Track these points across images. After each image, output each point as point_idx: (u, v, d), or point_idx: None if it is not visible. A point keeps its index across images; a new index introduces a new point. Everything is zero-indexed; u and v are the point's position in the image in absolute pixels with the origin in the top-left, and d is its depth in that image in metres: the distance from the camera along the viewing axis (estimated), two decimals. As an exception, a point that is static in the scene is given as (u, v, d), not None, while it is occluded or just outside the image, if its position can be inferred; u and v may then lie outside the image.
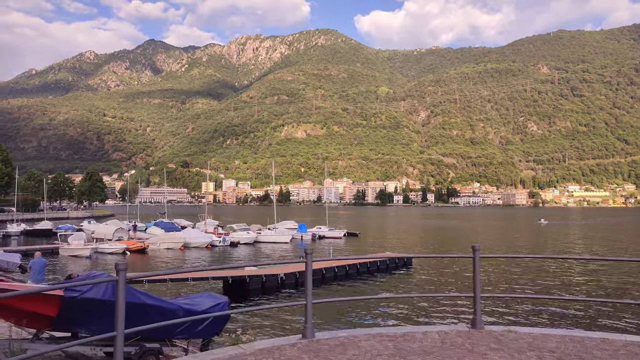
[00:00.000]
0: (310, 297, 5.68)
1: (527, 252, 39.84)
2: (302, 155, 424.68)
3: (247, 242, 45.54)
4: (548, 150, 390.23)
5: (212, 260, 34.47)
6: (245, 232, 47.74)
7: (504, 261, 30.35)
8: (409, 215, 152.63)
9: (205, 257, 36.49)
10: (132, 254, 36.85)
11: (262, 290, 21.61)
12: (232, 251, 40.69)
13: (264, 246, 44.13)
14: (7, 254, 22.30)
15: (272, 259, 35.20)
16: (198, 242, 41.81)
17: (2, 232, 51.04)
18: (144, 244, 39.23)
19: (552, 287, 22.99)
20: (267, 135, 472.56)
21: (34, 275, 15.35)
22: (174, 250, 39.72)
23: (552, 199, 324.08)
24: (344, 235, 53.67)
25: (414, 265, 30.07)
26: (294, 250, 41.36)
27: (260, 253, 39.36)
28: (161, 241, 40.79)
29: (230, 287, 21.29)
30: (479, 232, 68.67)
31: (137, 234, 47.70)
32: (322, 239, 51.38)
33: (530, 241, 51.10)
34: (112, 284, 8.49)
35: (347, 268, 26.84)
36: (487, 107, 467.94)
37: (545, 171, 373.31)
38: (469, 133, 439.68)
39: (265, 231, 50.73)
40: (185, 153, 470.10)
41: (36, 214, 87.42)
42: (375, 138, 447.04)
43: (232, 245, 43.81)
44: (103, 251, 36.40)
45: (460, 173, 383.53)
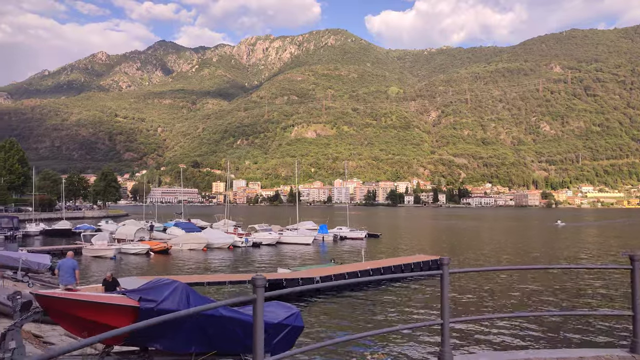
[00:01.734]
0: (447, 316, 4.83)
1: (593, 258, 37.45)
2: (312, 155, 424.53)
3: (269, 243, 44.81)
4: (561, 151, 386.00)
5: (236, 262, 33.84)
6: (267, 233, 46.97)
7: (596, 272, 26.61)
8: (422, 215, 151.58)
9: (229, 258, 35.92)
10: (155, 254, 36.43)
11: (299, 295, 20.85)
12: (254, 252, 39.94)
13: (286, 247, 43.45)
14: (37, 255, 21.50)
15: (301, 260, 34.46)
16: (220, 242, 41.24)
17: (21, 232, 51.08)
18: (167, 245, 38.80)
19: None
20: (277, 135, 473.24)
21: (64, 277, 14.73)
22: (196, 251, 39.26)
23: (565, 200, 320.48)
24: (365, 236, 52.63)
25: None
26: (317, 252, 40.65)
27: (284, 254, 38.69)
28: (183, 242, 40.30)
29: (266, 290, 20.43)
30: (504, 233, 67.59)
31: (154, 234, 47.39)
32: (344, 240, 50.31)
33: (575, 244, 50.10)
34: (186, 294, 8.14)
35: (403, 267, 26.22)
36: (499, 107, 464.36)
37: (558, 172, 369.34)
38: (480, 133, 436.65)
39: (286, 232, 49.99)
40: (196, 153, 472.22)
41: (53, 213, 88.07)
42: (385, 138, 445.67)
43: (254, 246, 43.17)
44: (126, 252, 36.06)
45: (471, 173, 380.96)
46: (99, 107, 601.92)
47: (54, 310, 7.95)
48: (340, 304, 19.74)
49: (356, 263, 27.91)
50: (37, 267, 20.41)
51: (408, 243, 49.50)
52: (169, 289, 8.15)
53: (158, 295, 7.89)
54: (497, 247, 45.04)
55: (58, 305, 7.85)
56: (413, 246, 45.22)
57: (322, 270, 23.44)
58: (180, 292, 8.15)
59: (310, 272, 23.06)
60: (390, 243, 49.25)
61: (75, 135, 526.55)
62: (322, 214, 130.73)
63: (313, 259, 35.83)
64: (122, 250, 35.96)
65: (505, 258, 35.74)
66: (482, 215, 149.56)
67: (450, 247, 45.44)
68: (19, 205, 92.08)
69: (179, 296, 7.95)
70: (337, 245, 45.72)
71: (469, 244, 49.02)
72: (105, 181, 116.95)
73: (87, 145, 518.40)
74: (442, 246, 46.13)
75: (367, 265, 25.41)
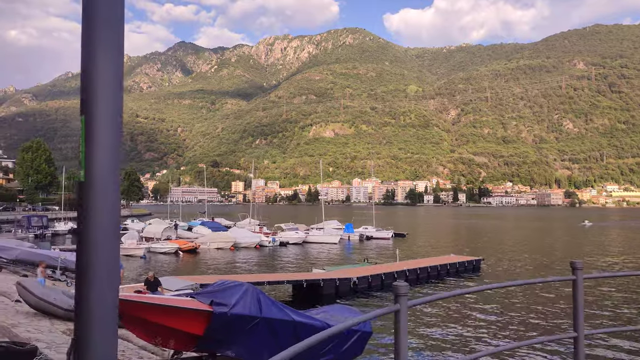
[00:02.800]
0: (582, 328, 4.25)
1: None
2: (331, 154, 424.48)
3: (296, 242, 44.47)
4: (585, 149, 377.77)
5: (265, 261, 33.68)
6: (294, 232, 46.68)
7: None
8: (443, 215, 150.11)
9: (257, 257, 35.72)
10: (184, 253, 36.40)
11: (335, 295, 20.41)
12: (282, 251, 39.64)
13: (313, 247, 42.97)
14: (74, 253, 21.70)
15: (331, 260, 33.92)
16: (247, 242, 41.10)
17: (50, 230, 52.08)
18: (195, 244, 38.84)
19: None
20: (296, 135, 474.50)
21: None
22: (224, 250, 39.21)
23: (589, 199, 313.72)
24: (391, 236, 51.73)
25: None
26: (345, 251, 40.15)
27: (311, 254, 38.22)
28: (211, 241, 40.32)
29: (303, 291, 20.29)
30: (535, 233, 66.24)
31: (179, 232, 47.62)
32: (370, 239, 49.59)
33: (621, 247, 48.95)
34: (257, 297, 7.94)
35: (439, 268, 25.81)
36: (520, 105, 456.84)
37: (581, 170, 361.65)
38: (501, 131, 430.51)
39: (312, 231, 49.65)
40: (215, 153, 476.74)
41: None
42: (404, 137, 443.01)
43: (281, 245, 42.85)
44: (155, 251, 36.02)
45: (492, 172, 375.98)
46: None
47: (124, 315, 7.63)
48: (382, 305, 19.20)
49: (391, 263, 27.41)
50: (74, 265, 20.47)
51: (436, 243, 48.52)
52: (238, 291, 7.92)
53: (229, 298, 7.67)
54: (534, 247, 43.28)
55: (130, 309, 7.56)
56: (443, 246, 44.30)
57: (357, 271, 23.03)
58: (250, 295, 7.95)
59: (346, 272, 22.66)
60: (418, 243, 48.25)
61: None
62: (342, 214, 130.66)
63: (343, 258, 35.29)
64: (152, 249, 35.89)
65: (555, 259, 34.23)
66: (505, 215, 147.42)
67: (481, 247, 43.80)
68: (46, 205, 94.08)
69: (250, 299, 7.73)
70: (364, 245, 45.03)
71: (500, 244, 47.33)
72: (128, 181, 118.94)
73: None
74: (473, 246, 44.67)
75: (402, 266, 24.92)
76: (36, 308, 10.80)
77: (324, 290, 20.24)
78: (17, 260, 20.12)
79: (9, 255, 20.05)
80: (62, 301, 10.69)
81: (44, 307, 10.60)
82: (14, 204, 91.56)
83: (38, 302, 10.59)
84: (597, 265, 31.52)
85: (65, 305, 10.52)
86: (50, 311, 10.75)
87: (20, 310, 11.22)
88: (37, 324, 10.01)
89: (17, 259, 20.03)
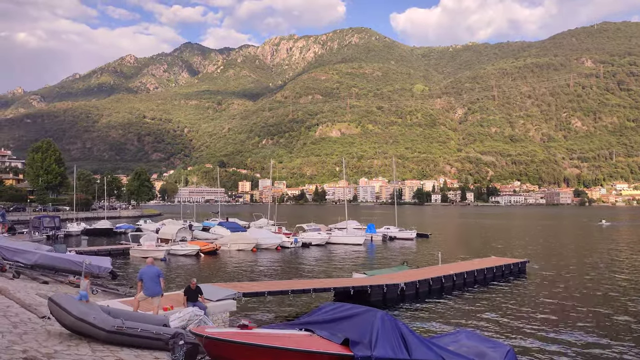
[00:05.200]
0: None
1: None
2: (337, 154, 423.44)
3: (319, 243, 42.83)
4: (594, 147, 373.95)
5: (289, 264, 31.99)
6: (316, 233, 45.01)
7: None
8: (454, 214, 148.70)
9: (281, 259, 34.15)
10: (205, 255, 34.99)
11: (382, 303, 18.68)
12: (305, 253, 37.97)
13: (336, 248, 41.25)
14: (97, 258, 19.44)
15: (357, 262, 32.35)
16: (268, 243, 39.51)
17: (63, 232, 51.32)
18: (216, 246, 37.45)
19: None
20: (302, 134, 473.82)
21: (149, 287, 11.97)
22: (245, 251, 37.71)
23: (599, 198, 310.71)
24: (415, 236, 49.95)
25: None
26: (369, 253, 38.62)
27: (336, 256, 36.36)
28: (232, 242, 38.76)
29: (349, 298, 17.94)
30: (559, 232, 64.97)
31: (195, 233, 46.41)
32: (393, 240, 47.84)
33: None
34: (399, 332, 6.33)
35: (485, 272, 24.14)
36: (528, 103, 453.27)
37: (590, 169, 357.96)
38: (508, 130, 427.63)
39: (335, 232, 48.06)
40: (222, 153, 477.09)
41: (90, 213, 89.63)
42: (411, 136, 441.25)
43: (303, 247, 41.35)
44: (175, 253, 34.36)
45: (499, 171, 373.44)
46: (127, 108, 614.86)
47: (224, 358, 6.16)
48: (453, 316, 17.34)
49: (434, 267, 25.52)
50: (98, 271, 18.47)
51: (464, 243, 46.52)
52: (372, 322, 6.23)
53: (364, 333, 6.11)
54: (567, 248, 41.50)
55: (235, 353, 6.12)
56: (472, 247, 42.53)
57: (402, 275, 21.52)
58: (390, 327, 6.26)
59: (391, 277, 21.17)
60: (444, 243, 46.23)
61: (105, 136, 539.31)
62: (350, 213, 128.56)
63: (374, 261, 33.38)
64: (171, 251, 34.34)
65: (592, 260, 32.79)
66: (517, 214, 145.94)
67: (512, 248, 41.67)
68: (57, 205, 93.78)
69: (392, 334, 6.16)
70: (388, 246, 43.32)
71: (530, 244, 45.33)
72: (139, 181, 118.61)
73: (116, 146, 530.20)
74: (502, 247, 42.54)
75: (448, 270, 23.34)
76: (72, 329, 9.08)
77: (371, 297, 18.60)
78: (36, 265, 18.61)
79: (27, 260, 18.44)
80: (104, 321, 9.01)
81: (82, 328, 8.90)
82: (24, 205, 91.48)
83: (75, 322, 8.84)
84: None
85: (108, 326, 8.96)
86: (90, 333, 9.00)
87: (52, 330, 9.64)
88: (76, 351, 8.44)
89: (36, 264, 18.47)
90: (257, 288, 16.64)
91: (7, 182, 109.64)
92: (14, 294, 12.93)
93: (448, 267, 25.18)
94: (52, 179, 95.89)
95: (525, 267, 27.38)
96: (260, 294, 16.27)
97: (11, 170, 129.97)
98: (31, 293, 14.28)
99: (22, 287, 15.35)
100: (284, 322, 10.28)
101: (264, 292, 16.26)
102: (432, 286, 21.26)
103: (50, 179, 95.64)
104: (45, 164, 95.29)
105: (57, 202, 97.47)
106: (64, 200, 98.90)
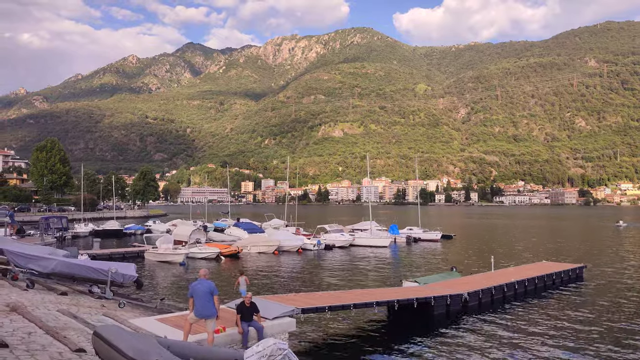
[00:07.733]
0: None
1: None
2: (340, 154, 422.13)
3: (342, 245, 40.89)
4: (598, 147, 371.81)
5: (316, 268, 29.66)
6: (339, 234, 43.11)
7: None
8: (463, 214, 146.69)
9: (305, 263, 31.82)
10: (226, 259, 32.82)
11: (446, 316, 16.63)
12: (329, 256, 35.55)
13: (361, 250, 38.92)
14: (121, 264, 17.35)
15: (382, 266, 29.99)
16: (290, 245, 37.58)
17: (70, 233, 49.72)
18: (237, 248, 35.32)
19: None
20: (305, 134, 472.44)
21: (201, 306, 9.50)
22: (266, 254, 35.58)
23: (604, 198, 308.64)
24: (440, 237, 48.03)
25: None
26: (392, 255, 36.33)
27: (362, 259, 33.87)
28: (252, 244, 36.87)
29: (410, 311, 15.86)
30: (581, 233, 62.90)
31: (210, 234, 44.26)
32: (417, 241, 45.88)
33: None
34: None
35: (545, 278, 22.03)
36: (531, 103, 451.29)
37: (595, 169, 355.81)
38: (511, 130, 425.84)
39: (358, 233, 46.23)
40: (224, 153, 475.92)
41: (96, 213, 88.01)
42: (414, 136, 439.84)
43: (326, 249, 39.10)
44: (194, 256, 32.07)
45: (503, 171, 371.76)
46: (130, 109, 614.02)
47: None
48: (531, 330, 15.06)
49: (488, 273, 23.23)
50: (122, 279, 16.32)
51: (494, 245, 43.84)
52: None
53: None
54: (608, 250, 38.88)
55: None
56: (508, 249, 39.96)
57: (459, 284, 19.42)
58: None
59: (448, 285, 19.05)
60: (472, 245, 43.85)
61: (108, 137, 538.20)
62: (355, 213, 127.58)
63: (412, 264, 30.98)
64: (190, 254, 31.98)
65: None
66: (524, 214, 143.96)
67: (552, 251, 38.81)
68: (62, 205, 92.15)
69: None
70: (412, 248, 41.25)
71: (570, 247, 42.73)
72: (144, 180, 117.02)
73: (119, 146, 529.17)
74: (535, 249, 40.07)
75: (508, 276, 21.17)
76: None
77: (435, 309, 16.46)
78: (53, 274, 16.53)
79: (43, 268, 16.26)
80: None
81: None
82: (28, 205, 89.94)
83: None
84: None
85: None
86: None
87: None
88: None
89: (52, 272, 16.38)
90: (315, 302, 14.29)
91: (11, 182, 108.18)
92: (32, 312, 11.02)
93: (503, 273, 23.02)
94: (56, 179, 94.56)
95: (582, 273, 25.29)
96: (321, 310, 13.84)
97: (15, 170, 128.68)
98: (52, 309, 12.26)
99: (39, 301, 13.42)
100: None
101: (324, 307, 13.83)
102: (495, 295, 19.12)
103: (54, 178, 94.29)
104: (49, 164, 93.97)
105: (62, 202, 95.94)
106: (68, 200, 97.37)
